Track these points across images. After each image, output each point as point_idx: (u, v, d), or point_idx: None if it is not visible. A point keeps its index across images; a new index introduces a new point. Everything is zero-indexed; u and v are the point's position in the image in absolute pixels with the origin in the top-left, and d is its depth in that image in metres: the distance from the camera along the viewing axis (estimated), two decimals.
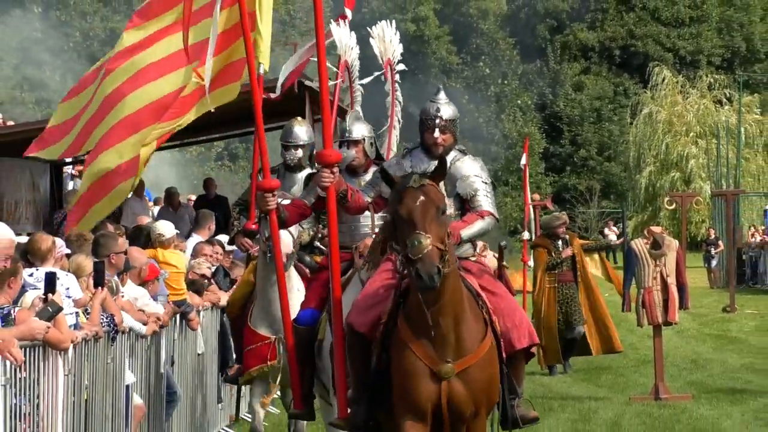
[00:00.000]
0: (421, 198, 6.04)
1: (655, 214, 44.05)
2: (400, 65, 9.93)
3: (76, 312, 7.13)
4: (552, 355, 14.82)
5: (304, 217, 7.45)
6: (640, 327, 13.26)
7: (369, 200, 6.87)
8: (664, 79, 47.47)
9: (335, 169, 6.79)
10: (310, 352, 7.31)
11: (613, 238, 43.73)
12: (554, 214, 16.60)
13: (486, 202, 6.77)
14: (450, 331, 6.17)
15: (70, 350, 6.72)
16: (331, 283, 6.76)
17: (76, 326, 7.01)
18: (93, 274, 7.35)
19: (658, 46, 54.51)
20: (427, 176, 6.20)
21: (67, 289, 7.16)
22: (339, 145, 7.63)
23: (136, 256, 8.56)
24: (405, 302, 6.28)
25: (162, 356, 8.80)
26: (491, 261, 14.09)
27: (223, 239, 11.43)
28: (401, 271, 6.31)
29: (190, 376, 9.81)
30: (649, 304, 12.73)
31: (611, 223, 46.31)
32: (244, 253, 10.52)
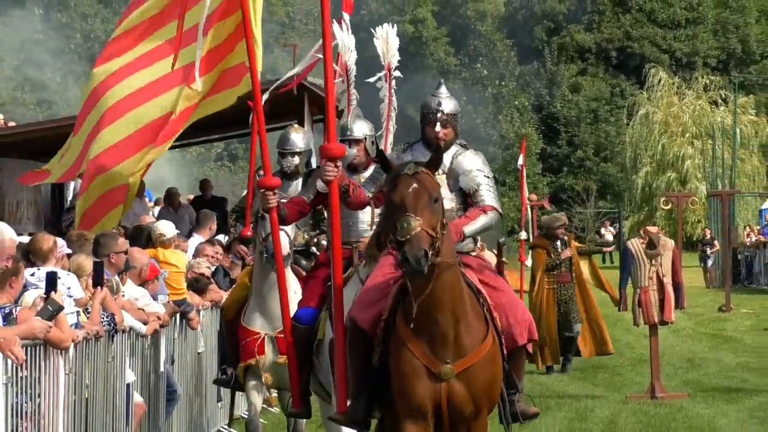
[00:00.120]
0: (414, 185, 5.97)
1: (652, 215, 44.04)
2: (396, 72, 10.00)
3: (77, 311, 7.12)
4: (552, 355, 14.86)
5: (303, 214, 7.41)
6: (636, 326, 13.30)
7: (370, 195, 6.80)
8: (660, 80, 47.47)
9: (339, 163, 6.71)
10: (308, 350, 7.28)
11: (609, 238, 43.89)
12: (554, 215, 16.61)
13: (489, 196, 6.69)
14: (449, 329, 6.08)
15: (71, 349, 6.72)
16: (333, 277, 6.68)
17: (77, 325, 7.01)
18: (92, 274, 7.35)
19: (654, 48, 54.57)
20: (423, 165, 6.12)
21: (69, 288, 7.15)
22: (340, 143, 7.50)
23: (137, 257, 8.54)
24: (404, 299, 6.20)
25: (162, 355, 8.77)
26: (490, 258, 14.11)
27: (221, 239, 11.47)
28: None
29: (190, 374, 9.82)
30: (645, 303, 12.76)
31: (608, 223, 46.41)
32: (240, 261, 10.54)
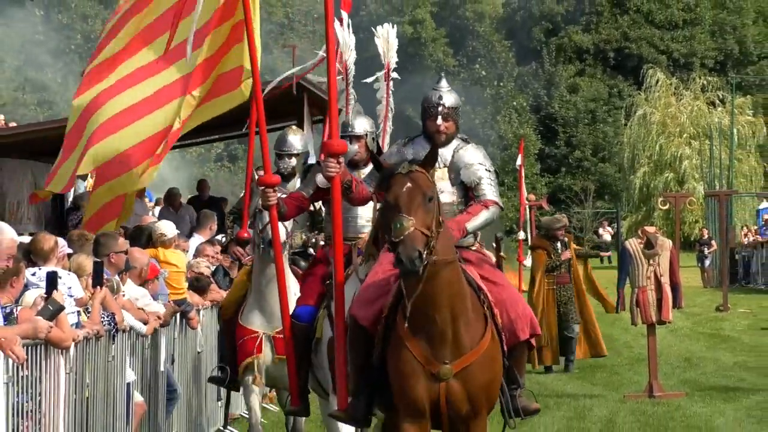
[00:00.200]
0: (408, 184, 5.90)
1: (649, 215, 44.09)
2: (394, 73, 10.03)
3: (78, 311, 7.12)
4: (551, 356, 14.87)
5: (302, 209, 7.39)
6: (634, 326, 13.31)
7: (372, 191, 6.68)
8: (657, 81, 47.52)
9: (341, 159, 6.67)
10: (307, 348, 7.26)
11: (607, 238, 43.95)
12: (555, 216, 16.62)
13: (490, 190, 6.66)
14: (447, 327, 6.02)
15: (72, 349, 6.72)
16: (335, 274, 6.63)
17: (78, 325, 7.00)
18: (92, 273, 7.33)
19: (652, 49, 54.62)
20: (418, 163, 6.05)
21: (69, 288, 7.13)
22: (342, 139, 7.39)
23: (138, 257, 8.52)
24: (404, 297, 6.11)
25: (162, 354, 8.77)
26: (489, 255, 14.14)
27: (219, 239, 11.47)
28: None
29: (190, 374, 9.83)
30: (643, 303, 12.78)
31: (605, 223, 46.45)
32: (236, 262, 10.53)
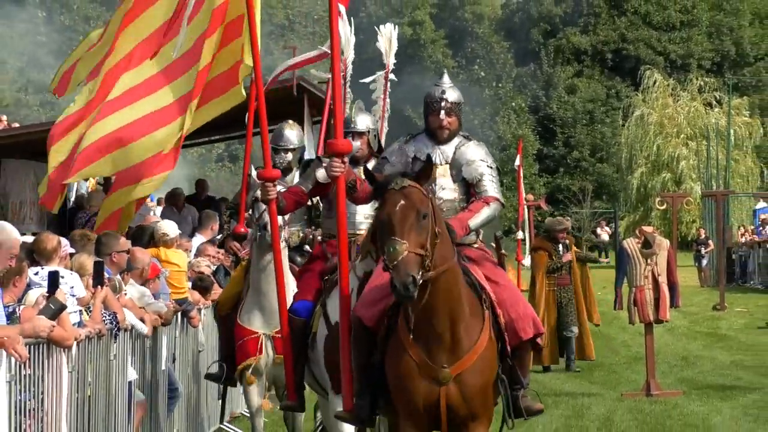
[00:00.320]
0: (402, 202, 5.80)
1: (647, 215, 44.11)
2: (391, 74, 10.09)
3: (80, 310, 7.14)
4: (550, 356, 14.89)
5: (300, 204, 7.41)
6: (631, 325, 13.42)
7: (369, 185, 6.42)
8: (655, 82, 47.55)
9: (345, 158, 6.65)
10: (304, 343, 7.25)
11: (605, 238, 43.97)
12: (558, 218, 16.66)
13: (491, 186, 6.62)
14: (446, 331, 6.01)
15: (74, 347, 6.75)
16: (339, 276, 6.61)
17: (80, 324, 7.03)
18: (93, 273, 7.35)
19: (649, 50, 54.66)
20: (412, 177, 5.97)
21: (72, 288, 7.16)
22: (346, 139, 7.32)
23: (139, 257, 8.53)
24: None
25: (163, 353, 8.80)
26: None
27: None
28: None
29: (191, 372, 9.87)
30: (641, 302, 12.84)
31: (603, 222, 46.48)
32: (233, 257, 10.54)
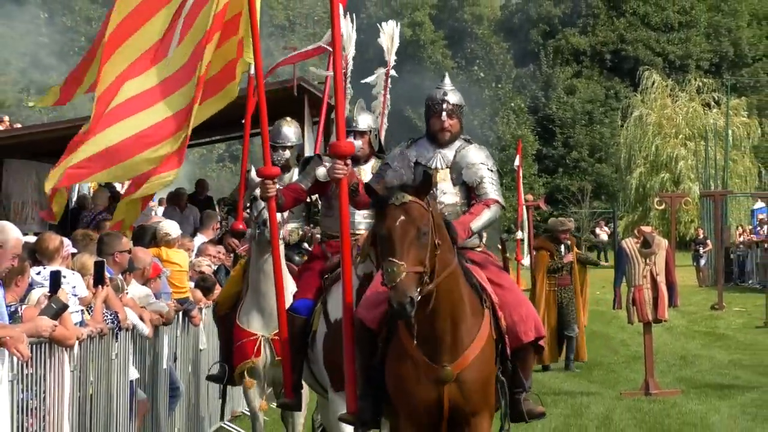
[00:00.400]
0: (401, 218, 5.79)
1: (646, 214, 44.19)
2: (392, 71, 10.12)
3: (82, 310, 7.17)
4: (550, 354, 14.93)
5: (299, 201, 7.42)
6: (630, 324, 13.47)
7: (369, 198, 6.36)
8: (653, 82, 47.65)
9: (348, 161, 6.65)
10: (304, 342, 7.24)
11: (604, 238, 43.99)
12: (560, 219, 16.68)
13: (492, 189, 6.63)
14: (447, 332, 6.04)
15: (76, 347, 6.78)
16: (343, 279, 6.57)
17: (82, 323, 7.05)
18: (93, 273, 7.36)
19: (648, 51, 54.71)
20: (412, 190, 5.94)
21: (74, 287, 7.19)
22: (348, 141, 7.26)
23: (141, 257, 8.55)
24: None
25: (165, 352, 8.83)
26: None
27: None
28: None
29: (192, 371, 9.91)
30: (640, 301, 12.89)
31: (602, 222, 46.52)
32: (231, 253, 10.53)
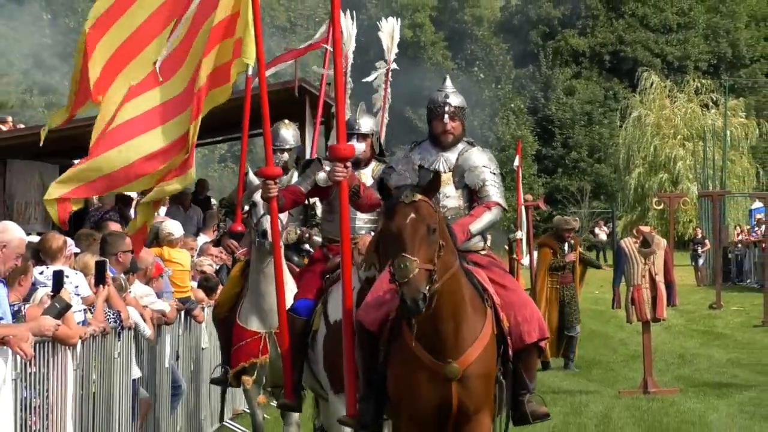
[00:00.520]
0: (412, 215, 5.81)
1: (644, 214, 44.25)
2: (393, 64, 10.14)
3: (84, 309, 7.19)
4: (550, 349, 15.00)
5: (297, 203, 7.44)
6: (629, 323, 13.52)
7: (380, 196, 6.41)
8: (652, 83, 47.72)
9: (348, 163, 6.63)
10: (304, 342, 7.25)
11: (603, 237, 44.07)
12: (566, 217, 16.72)
13: (494, 192, 6.62)
14: (450, 332, 6.03)
15: (79, 346, 6.80)
16: (343, 282, 6.57)
17: (85, 322, 7.07)
18: (94, 272, 7.37)
19: (646, 52, 54.79)
20: (420, 189, 5.96)
21: (77, 287, 7.21)
22: (347, 138, 7.26)
23: (143, 257, 8.52)
24: None
25: (167, 351, 8.86)
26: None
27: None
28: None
29: (194, 370, 9.95)
30: (638, 301, 12.95)
31: (601, 222, 46.59)
32: (231, 255, 10.56)
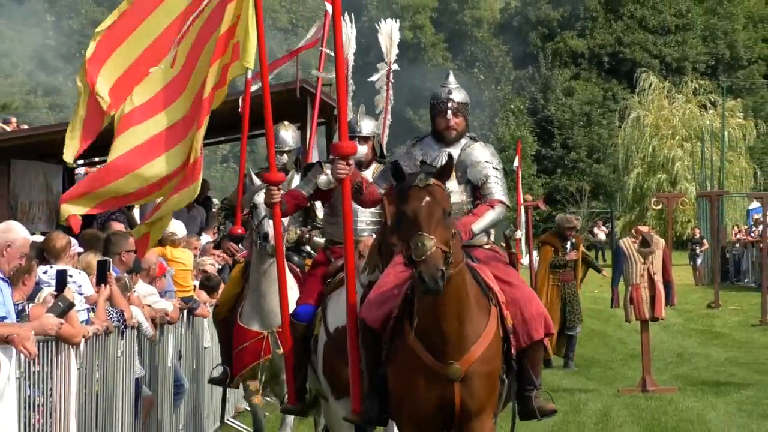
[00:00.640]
0: (427, 198, 5.80)
1: (643, 214, 44.31)
2: (395, 65, 10.21)
3: (88, 308, 7.22)
4: (553, 348, 15.09)
5: (300, 207, 7.44)
6: (628, 322, 13.58)
7: (382, 192, 6.63)
8: (651, 84, 47.78)
9: (350, 161, 6.61)
10: (306, 347, 7.20)
11: (602, 237, 44.15)
12: (568, 216, 16.77)
13: (497, 189, 6.57)
14: (453, 331, 5.97)
15: (82, 344, 6.83)
16: (346, 279, 6.55)
17: (88, 321, 7.11)
18: (96, 272, 7.39)
19: (645, 53, 54.90)
20: (434, 174, 5.95)
21: (80, 286, 7.26)
22: (351, 141, 7.16)
23: (147, 257, 8.49)
24: (413, 301, 6.04)
25: (169, 350, 8.88)
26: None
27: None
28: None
29: (197, 369, 9.99)
30: (637, 300, 13.00)
31: (600, 222, 46.67)
32: (230, 258, 10.60)
